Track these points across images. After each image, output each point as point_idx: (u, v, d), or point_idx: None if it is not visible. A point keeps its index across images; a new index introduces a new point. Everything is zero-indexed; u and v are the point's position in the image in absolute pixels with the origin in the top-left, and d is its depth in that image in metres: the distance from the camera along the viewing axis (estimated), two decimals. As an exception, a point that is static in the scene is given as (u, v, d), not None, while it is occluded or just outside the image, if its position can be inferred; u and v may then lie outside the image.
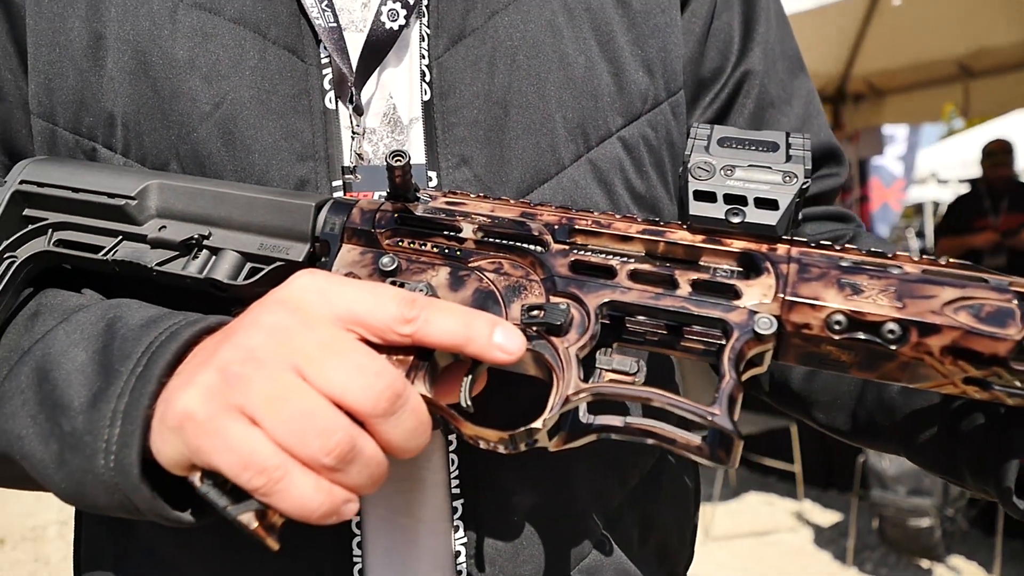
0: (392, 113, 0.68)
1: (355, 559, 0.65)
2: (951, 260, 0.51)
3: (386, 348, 0.51)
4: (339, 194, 0.65)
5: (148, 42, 0.63)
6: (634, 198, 0.72)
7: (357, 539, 0.65)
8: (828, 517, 4.47)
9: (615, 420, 0.51)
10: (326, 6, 0.65)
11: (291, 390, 0.47)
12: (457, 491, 0.66)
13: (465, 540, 0.66)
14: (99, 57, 0.64)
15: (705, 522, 4.41)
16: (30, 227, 0.62)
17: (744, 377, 0.52)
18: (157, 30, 0.64)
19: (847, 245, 0.53)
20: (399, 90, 0.68)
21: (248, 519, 0.47)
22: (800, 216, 0.58)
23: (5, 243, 0.61)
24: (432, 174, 0.66)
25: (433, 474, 0.67)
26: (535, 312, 0.52)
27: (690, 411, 0.47)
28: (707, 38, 0.79)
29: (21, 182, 0.62)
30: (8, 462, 0.57)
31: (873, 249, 0.52)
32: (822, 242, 0.53)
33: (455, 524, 0.66)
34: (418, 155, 0.67)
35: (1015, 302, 0.47)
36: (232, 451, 0.46)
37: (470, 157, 0.66)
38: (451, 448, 0.66)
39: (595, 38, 0.71)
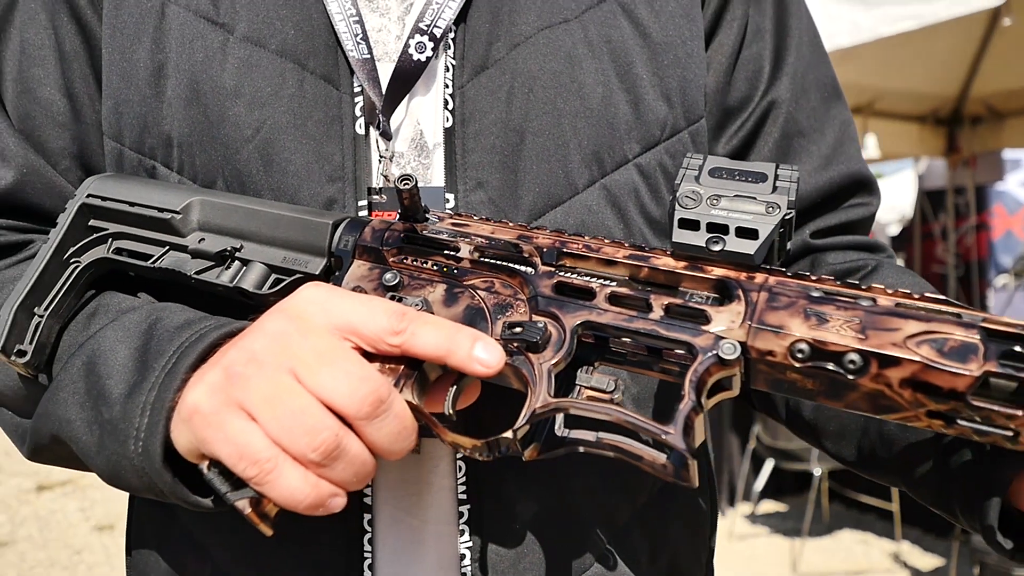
0: (419, 138, 0.73)
1: (365, 554, 0.69)
2: (926, 295, 0.51)
3: (379, 358, 0.55)
4: (364, 213, 0.70)
5: (201, 72, 0.70)
6: (648, 222, 0.74)
7: (368, 535, 0.70)
8: (927, 561, 4.25)
9: (588, 435, 0.54)
10: (360, 39, 0.71)
11: (285, 390, 0.52)
12: (464, 496, 0.70)
13: (470, 544, 0.70)
14: (160, 85, 0.72)
15: (793, 556, 4.28)
16: (93, 236, 0.70)
17: (712, 401, 0.53)
18: (209, 61, 0.70)
19: (824, 276, 0.54)
20: (426, 117, 0.73)
21: (243, 505, 0.52)
22: (789, 245, 0.59)
23: (71, 249, 0.69)
24: (450, 196, 0.70)
25: (441, 479, 0.71)
26: (516, 329, 0.55)
27: (646, 429, 0.49)
28: (734, 68, 0.80)
29: (88, 196, 0.70)
30: (60, 443, 0.64)
31: (851, 281, 0.53)
32: (800, 272, 0.54)
33: (461, 528, 0.70)
34: (439, 178, 0.71)
35: (980, 338, 0.47)
36: (230, 442, 0.52)
37: (485, 181, 0.70)
38: (459, 455, 0.70)
39: (614, 69, 0.73)
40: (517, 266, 0.59)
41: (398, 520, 0.71)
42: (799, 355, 0.49)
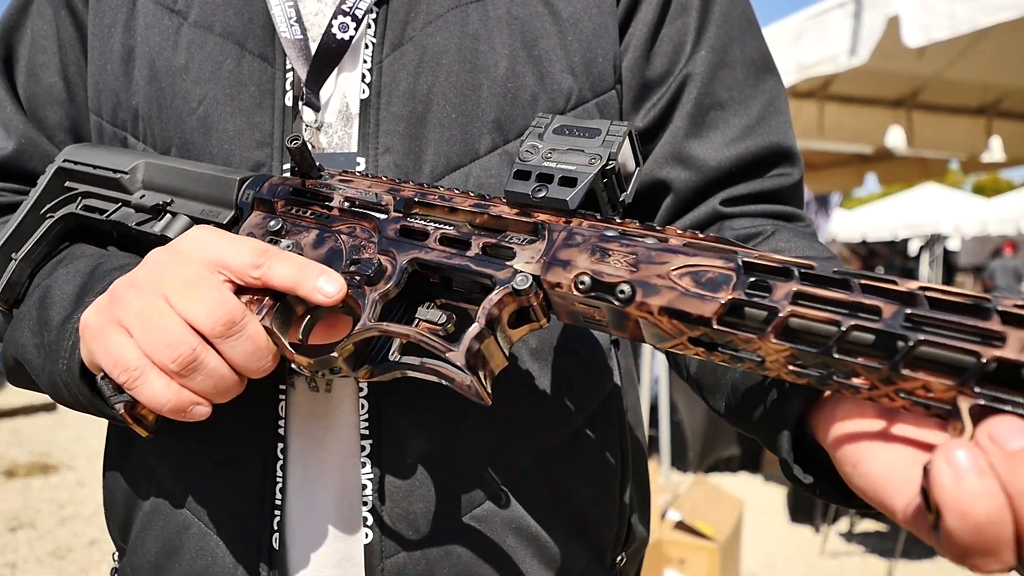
0: (345, 110, 0.81)
1: (278, 479, 0.78)
2: (716, 236, 0.54)
3: (247, 290, 0.63)
4: (288, 175, 0.79)
5: (158, 53, 0.81)
6: None
7: (280, 463, 0.78)
8: (1037, 592, 3.95)
9: (415, 360, 0.60)
10: (294, 22, 0.80)
11: (155, 311, 0.61)
12: (366, 432, 0.77)
13: (371, 475, 0.77)
14: (129, 67, 0.83)
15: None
16: (66, 195, 0.82)
17: (519, 332, 0.58)
18: (165, 43, 0.81)
19: (627, 219, 0.58)
20: (351, 90, 0.81)
21: (120, 407, 0.62)
22: (623, 197, 0.63)
23: (47, 206, 0.81)
24: (361, 160, 0.78)
25: (345, 415, 0.78)
26: (357, 265, 0.62)
27: (435, 346, 0.55)
28: (654, 43, 0.84)
29: (64, 161, 0.82)
30: (20, 366, 0.76)
31: (649, 224, 0.57)
32: (610, 217, 0.58)
33: (363, 461, 0.77)
34: (354, 144, 0.79)
35: (736, 270, 0.50)
36: (107, 352, 0.61)
37: (392, 146, 0.77)
38: (362, 394, 0.77)
39: (522, 43, 0.79)
40: (374, 213, 0.66)
41: (307, 450, 0.79)
42: (581, 286, 0.54)
